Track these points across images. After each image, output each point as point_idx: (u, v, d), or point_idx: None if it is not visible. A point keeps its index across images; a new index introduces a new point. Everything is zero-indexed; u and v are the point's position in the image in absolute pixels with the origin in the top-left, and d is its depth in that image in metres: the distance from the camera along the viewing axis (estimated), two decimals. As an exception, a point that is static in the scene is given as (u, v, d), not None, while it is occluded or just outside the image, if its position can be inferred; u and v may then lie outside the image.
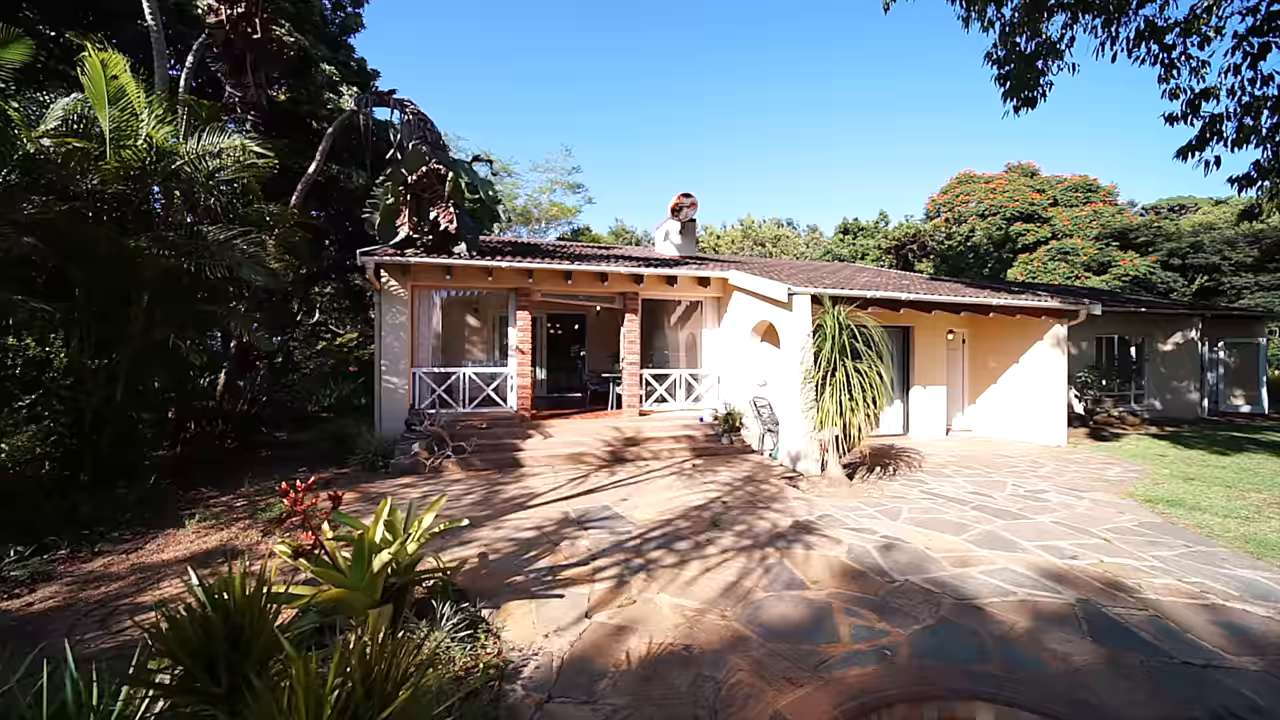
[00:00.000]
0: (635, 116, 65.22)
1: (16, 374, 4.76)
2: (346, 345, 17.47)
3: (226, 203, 7.08)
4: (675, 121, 68.13)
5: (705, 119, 68.97)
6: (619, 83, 64.13)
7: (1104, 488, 6.90)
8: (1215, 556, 4.53)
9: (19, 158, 4.83)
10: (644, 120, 66.03)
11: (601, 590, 3.83)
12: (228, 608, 1.73)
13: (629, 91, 64.99)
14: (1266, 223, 23.66)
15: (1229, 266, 23.20)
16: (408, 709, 1.56)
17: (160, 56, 7.87)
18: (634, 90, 65.48)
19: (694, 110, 68.69)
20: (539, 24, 58.19)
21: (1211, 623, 3.40)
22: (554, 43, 59.48)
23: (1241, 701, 2.64)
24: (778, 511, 5.79)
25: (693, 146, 69.37)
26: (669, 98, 67.17)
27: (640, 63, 65.20)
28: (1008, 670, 2.89)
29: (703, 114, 69.03)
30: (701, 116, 68.83)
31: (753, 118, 69.65)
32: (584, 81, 61.47)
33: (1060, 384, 10.01)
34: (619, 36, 63.08)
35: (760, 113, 69.15)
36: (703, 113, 68.96)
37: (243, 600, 1.79)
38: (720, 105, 68.98)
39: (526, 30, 58.28)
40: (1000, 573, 4.15)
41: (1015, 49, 8.57)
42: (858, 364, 6.54)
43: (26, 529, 4.64)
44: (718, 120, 69.44)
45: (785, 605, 3.62)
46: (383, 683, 1.51)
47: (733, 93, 68.76)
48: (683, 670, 2.87)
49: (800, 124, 68.15)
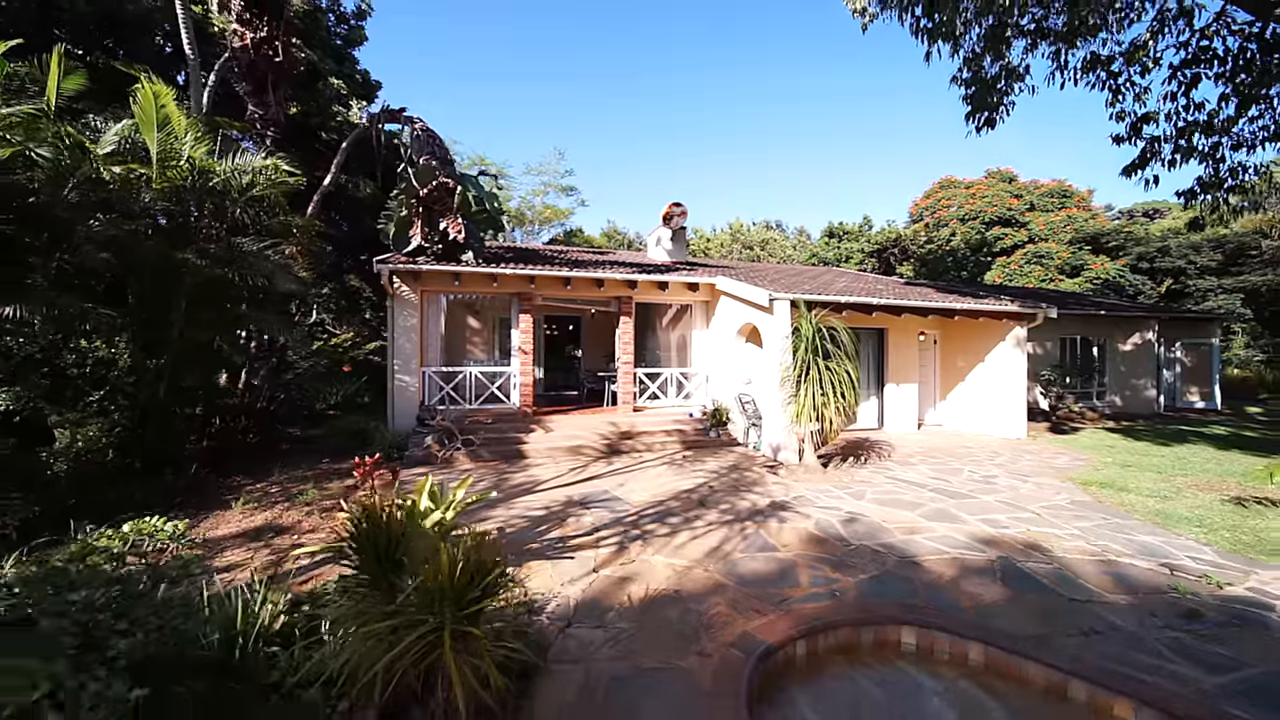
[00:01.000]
0: (628, 117, 65.94)
1: (88, 372, 5.36)
2: (341, 345, 18.02)
3: (254, 215, 7.72)
4: (669, 121, 68.93)
5: (702, 116, 69.80)
6: (611, 79, 64.83)
7: (1049, 473, 7.72)
8: (1126, 527, 5.34)
9: (92, 179, 5.45)
10: (636, 121, 66.77)
11: (605, 554, 4.55)
12: (380, 522, 2.47)
13: (621, 91, 65.69)
14: (1229, 229, 24.91)
15: (1194, 270, 24.36)
16: (489, 589, 2.27)
17: (196, 85, 8.47)
18: (626, 89, 66.20)
19: (690, 107, 69.48)
20: (532, 25, 58.74)
21: (1103, 573, 4.19)
22: (544, 41, 60.05)
23: (1104, 623, 3.42)
24: (757, 494, 6.53)
25: (681, 145, 70.20)
26: (661, 93, 67.92)
27: (632, 61, 65.91)
28: (931, 605, 3.65)
29: (699, 111, 69.86)
30: (696, 113, 69.66)
31: (750, 112, 70.49)
32: (577, 79, 62.08)
33: (1020, 381, 10.87)
34: (612, 33, 63.76)
35: (758, 106, 70.00)
36: (699, 110, 69.78)
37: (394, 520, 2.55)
38: (716, 101, 69.84)
39: (521, 30, 58.80)
40: (940, 539, 4.92)
41: (979, 73, 9.30)
42: (829, 363, 7.31)
43: (97, 510, 5.27)
44: (713, 116, 70.29)
45: (758, 563, 4.36)
46: (479, 565, 2.21)
47: (733, 86, 69.62)
48: (673, 606, 3.60)
49: (799, 118, 69.12)
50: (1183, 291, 24.76)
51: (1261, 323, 24.63)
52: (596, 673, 2.85)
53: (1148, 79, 9.04)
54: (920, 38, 8.01)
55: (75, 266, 5.78)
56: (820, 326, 7.58)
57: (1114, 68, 9.05)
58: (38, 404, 5.37)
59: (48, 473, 5.18)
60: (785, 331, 8.45)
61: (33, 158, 5.46)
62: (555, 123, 56.98)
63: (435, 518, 3.48)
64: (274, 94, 9.92)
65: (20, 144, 5.02)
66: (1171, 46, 8.63)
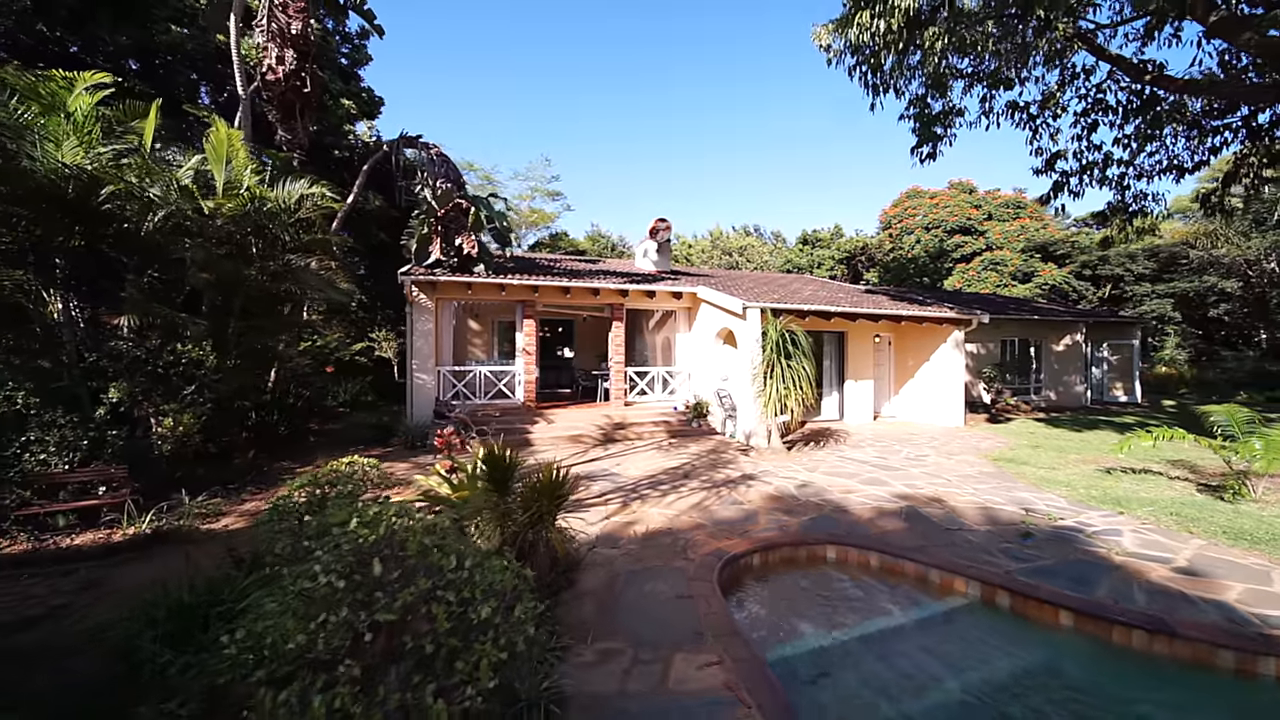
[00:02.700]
0: (612, 120, 67.21)
1: (182, 371, 6.50)
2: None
3: (295, 234, 8.88)
4: (665, 126, 70.37)
5: (700, 116, 71.30)
6: (597, 77, 66.02)
7: (972, 453, 9.33)
8: (1012, 488, 6.90)
9: (181, 209, 6.61)
10: (621, 122, 68.08)
11: (613, 509, 5.92)
12: (498, 460, 3.82)
13: (606, 90, 66.93)
14: (1161, 239, 27.32)
15: (1130, 278, 26.69)
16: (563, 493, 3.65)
17: (246, 118, 9.56)
18: (611, 89, 67.46)
19: (689, 109, 70.97)
20: (522, 25, 59.62)
21: (979, 515, 5.71)
22: (530, 39, 60.98)
23: (965, 540, 4.92)
24: (731, 469, 7.98)
25: (678, 146, 71.72)
26: (662, 92, 69.32)
27: (621, 62, 67.21)
28: (850, 534, 5.11)
29: (698, 111, 71.37)
30: (695, 118, 71.17)
31: (749, 115, 72.25)
32: (563, 75, 63.13)
33: (959, 378, 12.55)
34: (601, 27, 64.95)
35: (757, 107, 71.83)
36: (698, 110, 71.29)
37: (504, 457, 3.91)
38: (692, 106, 71.48)
39: (512, 29, 59.63)
40: (868, 496, 6.42)
41: (924, 110, 10.82)
42: (790, 362, 8.80)
43: (189, 484, 6.43)
44: (712, 116, 71.86)
45: (729, 511, 5.78)
46: (556, 481, 3.58)
47: (732, 87, 71.31)
48: (666, 536, 5.00)
49: (769, 120, 71.12)
50: (1121, 296, 27.09)
51: (1192, 324, 27.09)
52: (617, 568, 4.23)
53: (1058, 122, 10.79)
54: (867, 91, 9.52)
55: (161, 282, 6.93)
56: (784, 331, 9.06)
57: (1032, 111, 10.76)
58: (138, 397, 6.52)
59: (153, 453, 6.34)
60: (756, 335, 9.92)
61: (130, 191, 6.62)
62: (537, 119, 58.06)
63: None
64: (301, 120, 11.02)
65: (135, 184, 6.17)
66: (1075, 97, 10.36)
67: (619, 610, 3.58)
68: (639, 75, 69.08)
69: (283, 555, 2.57)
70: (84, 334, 7.10)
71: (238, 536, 5.27)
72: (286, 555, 2.52)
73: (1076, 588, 3.93)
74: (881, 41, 8.17)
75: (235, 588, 3.20)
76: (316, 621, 1.67)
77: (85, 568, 4.54)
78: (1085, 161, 10.53)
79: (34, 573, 4.46)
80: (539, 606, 2.43)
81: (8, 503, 5.13)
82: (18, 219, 5.97)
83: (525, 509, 3.49)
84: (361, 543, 1.87)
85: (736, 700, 2.61)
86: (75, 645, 3.31)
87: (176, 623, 2.97)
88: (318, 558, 1.97)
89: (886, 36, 8.03)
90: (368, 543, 1.87)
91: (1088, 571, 4.23)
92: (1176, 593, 3.85)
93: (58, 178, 6.02)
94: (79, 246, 6.60)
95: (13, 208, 5.88)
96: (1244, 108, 9.43)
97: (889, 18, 7.53)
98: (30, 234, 6.09)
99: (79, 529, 5.36)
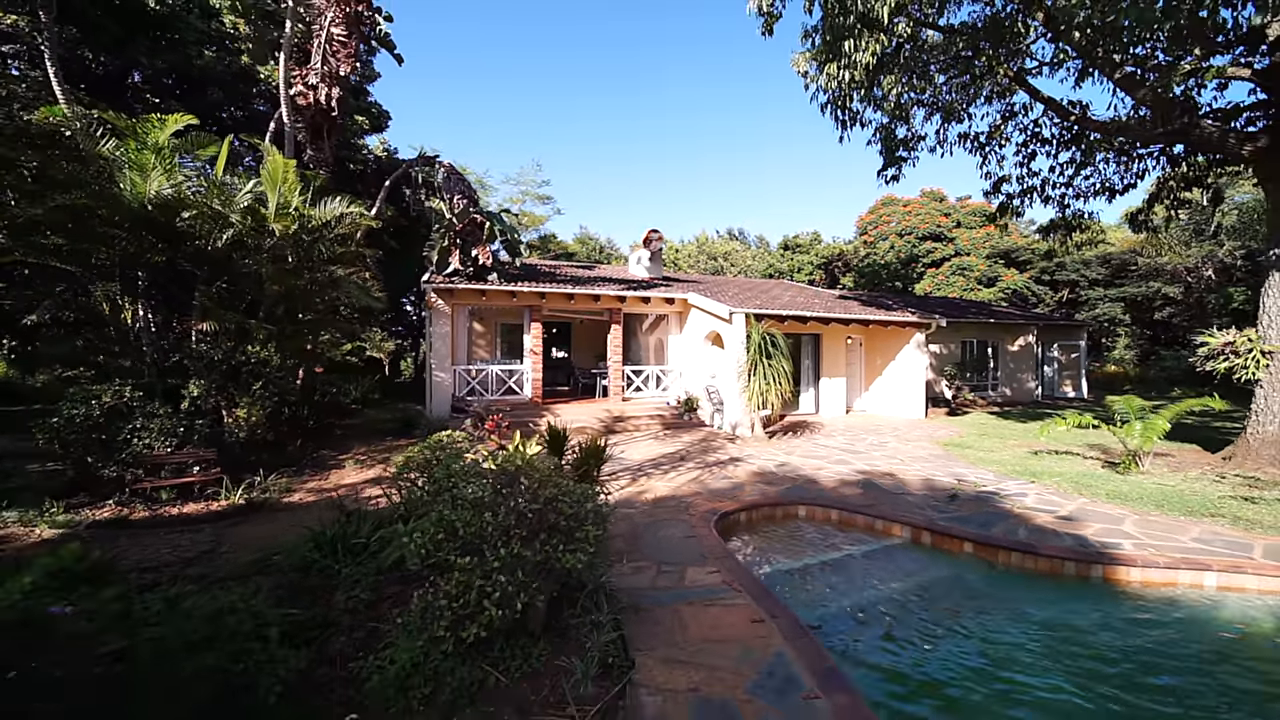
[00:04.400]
0: (602, 124, 68.28)
1: (253, 369, 7.53)
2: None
3: (331, 247, 9.94)
4: (661, 128, 71.58)
5: (701, 116, 72.58)
6: (587, 79, 67.02)
7: (928, 440, 10.76)
8: (953, 465, 8.31)
9: (247, 227, 7.66)
10: (613, 124, 69.16)
11: (624, 483, 7.16)
12: (557, 431, 5.03)
13: (595, 94, 67.97)
14: (1113, 247, 29.42)
15: (1085, 283, 28.72)
16: (601, 456, 4.87)
17: (290, 143, 10.56)
18: (600, 92, 68.51)
19: (686, 111, 72.25)
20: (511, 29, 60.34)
21: (921, 484, 7.08)
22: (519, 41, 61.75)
23: (905, 501, 6.27)
24: (721, 453, 9.27)
25: (675, 146, 73.02)
26: (659, 94, 70.50)
27: (610, 64, 68.29)
28: (817, 498, 6.42)
29: (699, 113, 72.66)
30: (693, 117, 72.47)
31: (748, 118, 73.72)
32: (552, 79, 64.02)
33: (921, 376, 14.04)
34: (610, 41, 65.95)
35: (756, 109, 73.40)
36: (699, 111, 72.58)
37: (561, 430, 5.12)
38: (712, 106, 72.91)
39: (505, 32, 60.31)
40: (834, 473, 7.76)
41: (889, 135, 12.24)
42: (771, 361, 10.12)
43: (257, 467, 7.49)
44: (711, 116, 73.20)
45: (721, 484, 7.07)
46: (598, 446, 4.82)
47: (728, 87, 72.80)
48: (672, 500, 6.26)
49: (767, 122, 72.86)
50: (1077, 300, 29.12)
51: (1141, 326, 29.24)
52: (636, 521, 5.48)
53: (1003, 150, 12.32)
54: (836, 125, 10.89)
55: (228, 292, 7.98)
56: (765, 333, 10.38)
57: (981, 140, 12.27)
58: (213, 392, 7.56)
59: (229, 439, 7.39)
60: (741, 338, 11.23)
61: (203, 212, 7.65)
62: (526, 124, 58.89)
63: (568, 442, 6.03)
64: (328, 140, 12.06)
65: (220, 209, 7.22)
66: (1016, 130, 11.89)
67: (642, 545, 4.83)
68: (627, 79, 70.30)
69: (435, 484, 3.71)
70: (155, 337, 8.11)
71: (313, 508, 6.38)
72: (434, 489, 3.69)
73: (980, 530, 5.29)
74: (848, 88, 9.54)
75: (362, 528, 4.38)
76: (491, 511, 2.86)
77: (208, 528, 5.63)
78: (1026, 185, 12.08)
79: (166, 531, 5.54)
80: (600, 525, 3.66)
81: (127, 478, 6.18)
82: (116, 238, 6.99)
83: (576, 468, 4.71)
84: (507, 466, 3.08)
85: (731, 589, 3.88)
86: (240, 572, 4.43)
87: (330, 548, 4.14)
88: (469, 483, 3.18)
89: (851, 83, 9.40)
90: (512, 466, 3.07)
91: (992, 519, 5.60)
92: (1050, 530, 5.23)
93: (147, 202, 7.07)
94: (159, 261, 7.63)
95: (113, 230, 6.90)
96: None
97: (852, 70, 8.90)
98: (125, 251, 7.11)
99: (180, 501, 6.42)
